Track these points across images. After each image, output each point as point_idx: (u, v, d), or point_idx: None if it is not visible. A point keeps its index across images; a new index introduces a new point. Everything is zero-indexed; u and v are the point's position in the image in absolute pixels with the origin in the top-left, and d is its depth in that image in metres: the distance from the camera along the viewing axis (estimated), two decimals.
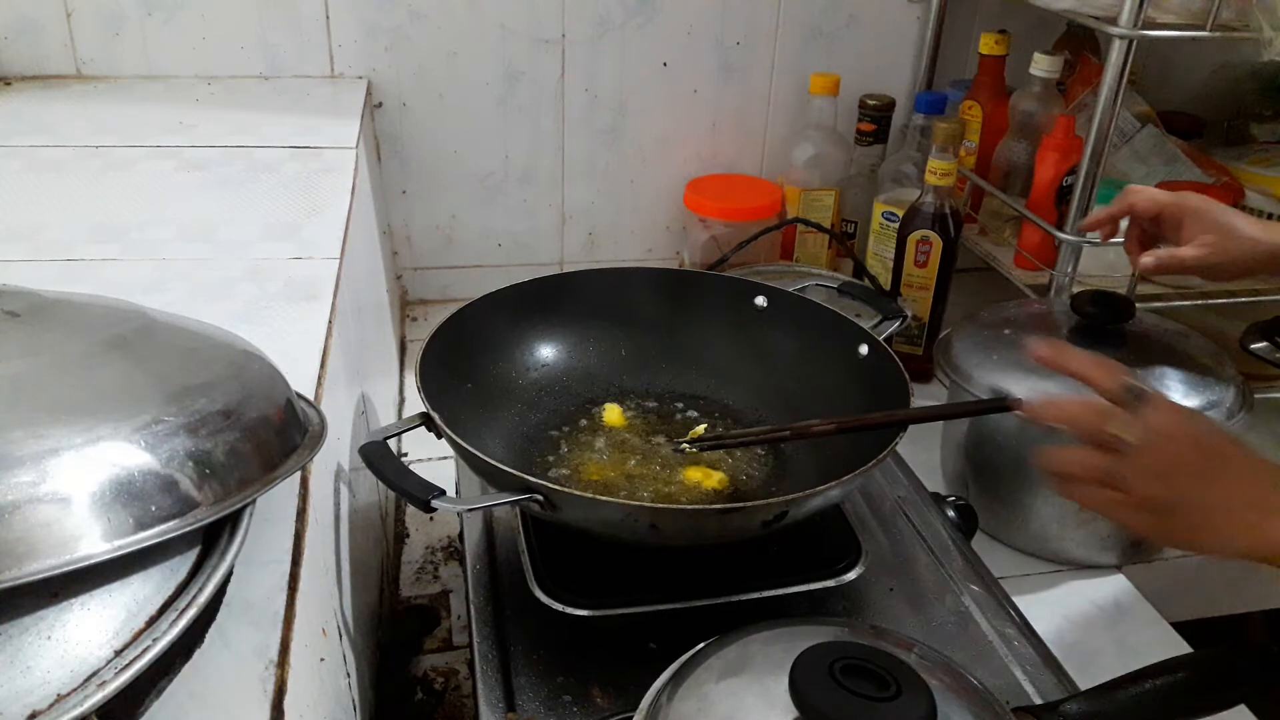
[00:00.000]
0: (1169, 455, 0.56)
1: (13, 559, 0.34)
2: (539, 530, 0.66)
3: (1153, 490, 0.56)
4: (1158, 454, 0.56)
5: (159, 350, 0.47)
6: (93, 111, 1.03)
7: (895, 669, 0.43)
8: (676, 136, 1.29)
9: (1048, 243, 1.04)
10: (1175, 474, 0.56)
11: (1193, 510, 0.56)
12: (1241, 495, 0.55)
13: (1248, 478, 0.56)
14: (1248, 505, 0.55)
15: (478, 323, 0.77)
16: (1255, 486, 0.55)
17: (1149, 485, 0.56)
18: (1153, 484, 0.56)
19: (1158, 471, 0.56)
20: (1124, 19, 0.88)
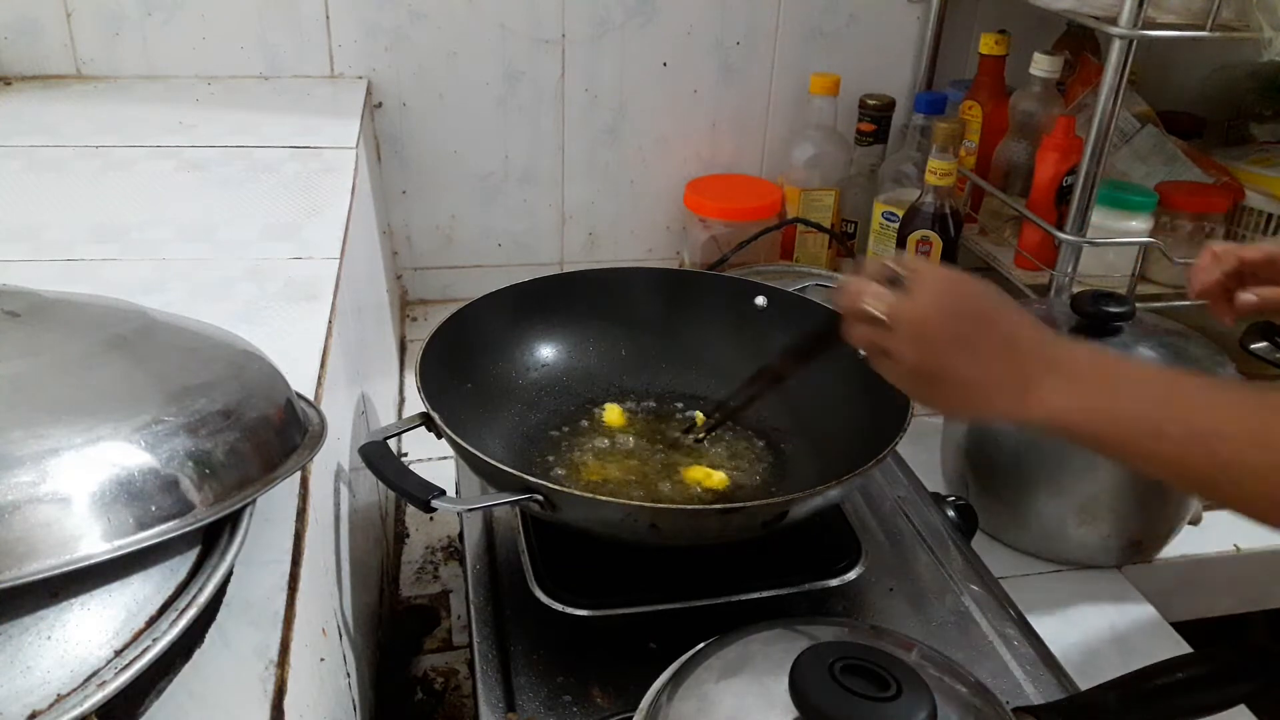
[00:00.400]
0: (924, 327, 0.57)
1: (13, 559, 0.34)
2: (539, 530, 0.66)
3: (912, 360, 0.57)
4: (912, 327, 0.57)
5: (159, 350, 0.47)
6: (93, 111, 1.03)
7: (895, 669, 0.43)
8: (676, 136, 1.29)
9: (1048, 243, 1.04)
10: (931, 345, 0.57)
11: (955, 381, 0.56)
12: (1003, 366, 0.55)
13: (1011, 348, 0.55)
14: (1009, 376, 0.55)
15: (478, 323, 0.77)
16: (1017, 357, 0.55)
17: (909, 355, 0.57)
18: (911, 354, 0.57)
19: (914, 343, 0.57)
20: (1124, 19, 0.88)
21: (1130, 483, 0.84)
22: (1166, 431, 0.50)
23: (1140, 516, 0.87)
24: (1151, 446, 0.51)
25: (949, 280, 0.58)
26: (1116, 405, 0.53)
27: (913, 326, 0.57)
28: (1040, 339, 0.56)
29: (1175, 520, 0.89)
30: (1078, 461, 0.83)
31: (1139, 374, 0.54)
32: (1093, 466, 0.83)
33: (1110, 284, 1.03)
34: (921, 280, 0.58)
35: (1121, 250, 1.05)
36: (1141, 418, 0.51)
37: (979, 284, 0.58)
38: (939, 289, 0.58)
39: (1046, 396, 0.54)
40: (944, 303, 0.57)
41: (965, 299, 0.57)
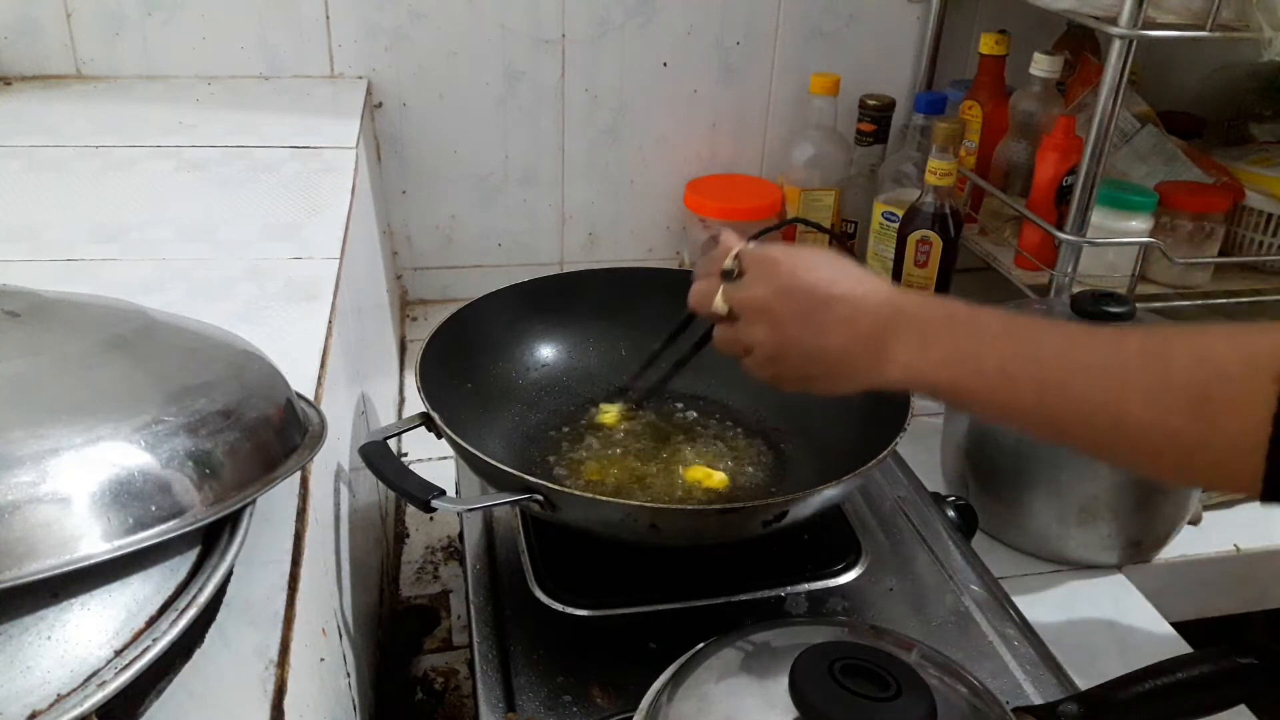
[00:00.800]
0: (764, 312, 0.57)
1: (13, 559, 0.34)
2: (539, 530, 0.66)
3: (765, 347, 0.58)
4: (757, 315, 0.58)
5: (159, 350, 0.47)
6: (93, 111, 1.03)
7: (895, 669, 0.43)
8: (676, 136, 1.29)
9: (1048, 243, 1.04)
10: (776, 327, 0.57)
11: (811, 357, 0.56)
12: (853, 333, 0.55)
13: (857, 313, 0.55)
14: (862, 342, 0.54)
15: (478, 323, 0.77)
16: (866, 321, 0.55)
17: (760, 343, 0.58)
18: (761, 340, 0.58)
19: (761, 330, 0.58)
20: (1124, 19, 0.88)
21: (1130, 483, 0.84)
22: (1019, 379, 0.49)
23: (1140, 516, 0.87)
24: (1008, 396, 0.50)
25: (781, 259, 0.58)
26: (970, 357, 0.52)
27: (754, 314, 0.58)
28: (888, 299, 0.55)
29: (1175, 520, 0.89)
30: (1078, 461, 0.83)
31: (991, 325, 0.52)
32: (1093, 467, 0.83)
33: (1110, 284, 1.03)
34: (754, 266, 0.59)
35: (1121, 250, 1.05)
36: (996, 368, 0.50)
37: (814, 256, 0.58)
38: (771, 270, 0.58)
39: (901, 355, 0.53)
40: (779, 283, 0.57)
41: (799, 274, 0.57)
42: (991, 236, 1.19)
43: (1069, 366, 0.48)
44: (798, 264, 0.57)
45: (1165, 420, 0.44)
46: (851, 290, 0.56)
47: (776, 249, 0.60)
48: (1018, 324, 0.51)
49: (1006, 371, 0.50)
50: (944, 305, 0.54)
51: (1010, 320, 0.52)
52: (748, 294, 0.59)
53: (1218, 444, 0.43)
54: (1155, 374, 0.45)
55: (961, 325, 0.53)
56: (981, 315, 0.53)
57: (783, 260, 0.58)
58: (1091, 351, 0.48)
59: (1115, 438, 0.47)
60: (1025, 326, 0.51)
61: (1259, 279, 1.13)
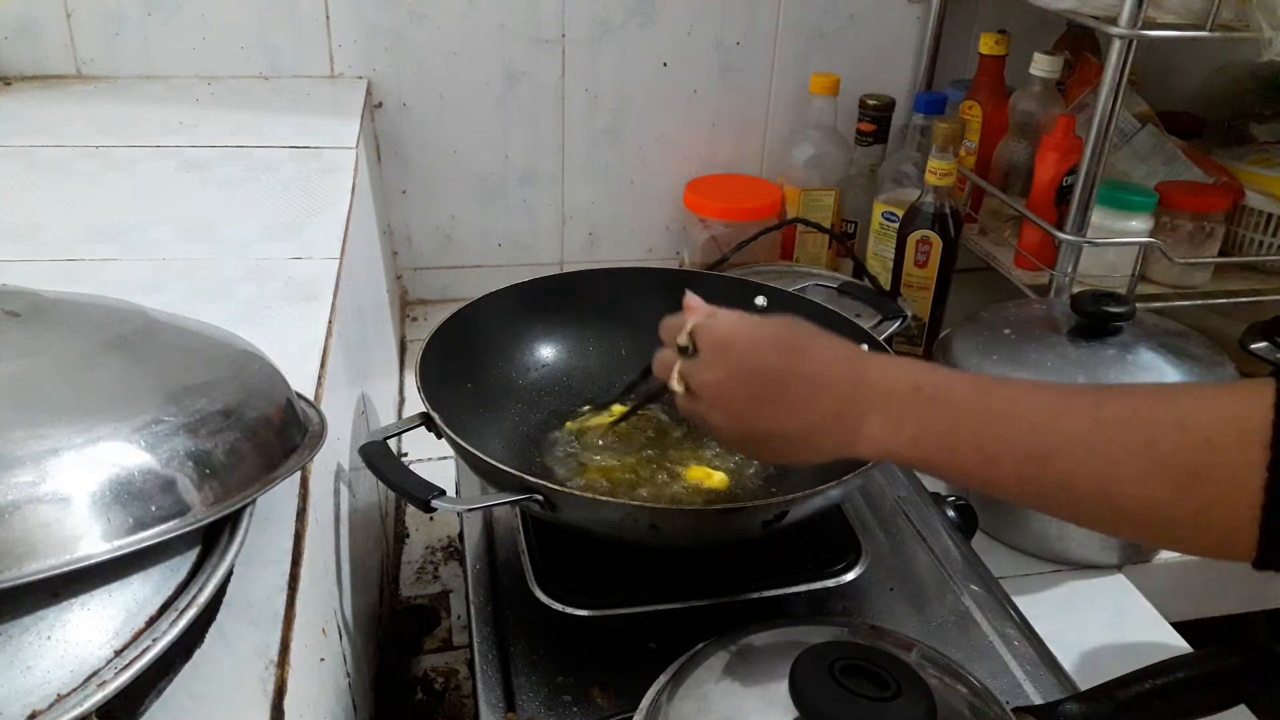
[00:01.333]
0: (720, 394, 0.55)
1: (13, 559, 0.34)
2: (539, 530, 0.66)
3: (724, 426, 0.56)
4: (714, 399, 0.56)
5: (159, 350, 0.47)
6: (93, 111, 1.03)
7: (895, 669, 0.43)
8: (676, 136, 1.29)
9: (1048, 243, 1.04)
10: (733, 409, 0.55)
11: (774, 436, 0.54)
12: (820, 413, 0.52)
13: (818, 391, 0.52)
14: (827, 420, 0.52)
15: (478, 323, 0.77)
16: (829, 399, 0.52)
17: (723, 425, 0.56)
18: (721, 421, 0.56)
19: (719, 411, 0.56)
20: (1124, 19, 0.88)
21: None
22: (999, 456, 0.47)
23: None
24: (989, 472, 0.48)
25: (733, 339, 0.56)
26: (943, 434, 0.49)
27: (710, 395, 0.56)
28: (851, 373, 0.52)
29: None
30: None
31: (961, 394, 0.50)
32: None
33: (1110, 284, 1.03)
34: (706, 343, 0.56)
35: (1121, 250, 1.05)
36: (971, 445, 0.48)
37: (768, 330, 0.56)
38: (724, 353, 0.55)
39: (871, 433, 0.51)
40: (732, 365, 0.55)
41: (752, 353, 0.55)
42: (991, 236, 1.19)
43: (1049, 441, 0.46)
44: (752, 341, 0.55)
45: (1154, 495, 0.43)
46: (807, 367, 0.53)
47: (729, 324, 0.57)
48: (989, 392, 0.49)
49: (983, 449, 0.48)
50: (909, 373, 0.52)
51: (980, 388, 0.50)
52: (702, 377, 0.56)
53: (1210, 516, 0.42)
54: (1139, 447, 0.43)
55: (929, 399, 0.50)
56: (949, 383, 0.50)
57: (735, 341, 0.55)
58: (1070, 423, 0.46)
59: (1102, 512, 0.46)
60: (998, 395, 0.49)
61: (1259, 279, 1.13)
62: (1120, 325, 0.84)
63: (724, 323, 0.57)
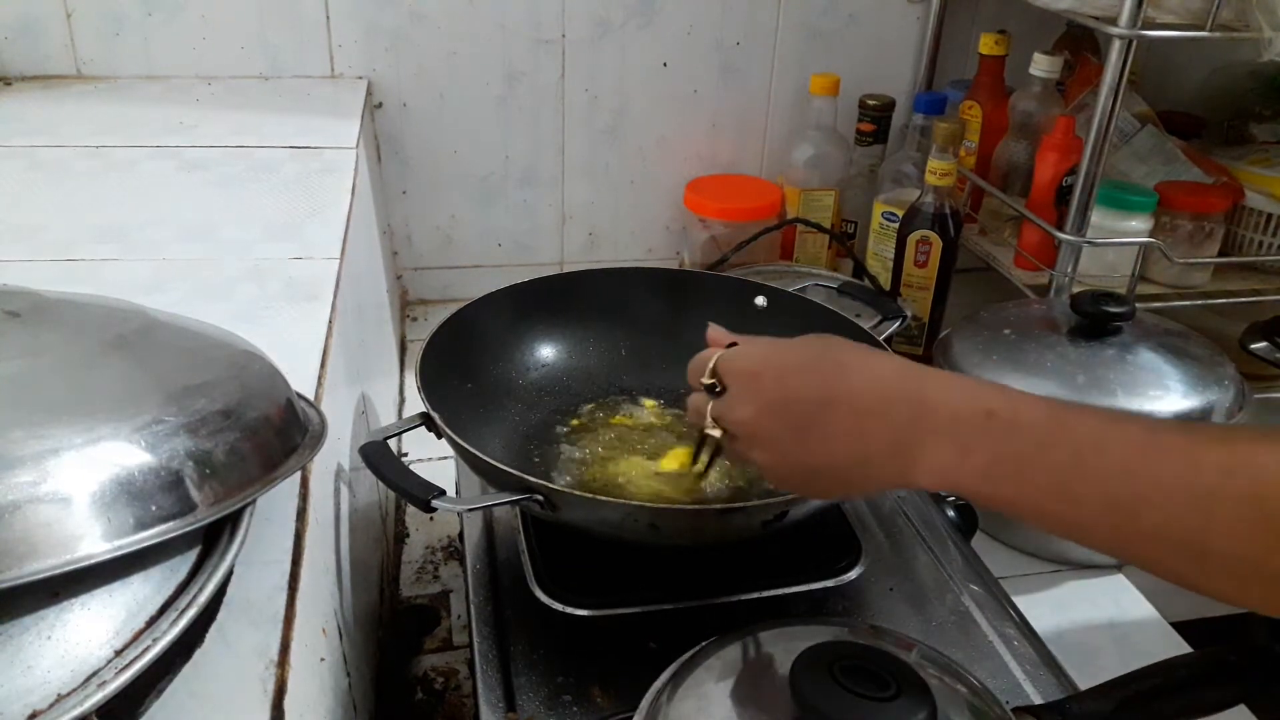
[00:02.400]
0: (755, 430, 0.51)
1: (13, 559, 0.34)
2: (539, 530, 0.66)
3: (769, 464, 0.52)
4: (751, 437, 0.52)
5: (159, 350, 0.47)
6: (93, 111, 1.03)
7: (895, 669, 0.43)
8: (676, 136, 1.29)
9: (1048, 243, 1.04)
10: (774, 445, 0.51)
11: (823, 469, 0.50)
12: (873, 441, 0.48)
13: (872, 419, 0.48)
14: (882, 454, 0.48)
15: (478, 323, 0.77)
16: (885, 426, 0.47)
17: (769, 464, 0.52)
18: (764, 459, 0.52)
19: (758, 449, 0.52)
20: (1124, 19, 0.88)
21: None
22: (1083, 498, 0.43)
23: None
24: (1068, 514, 0.43)
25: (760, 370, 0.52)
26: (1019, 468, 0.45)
27: (747, 434, 0.52)
28: (907, 394, 0.47)
29: None
30: None
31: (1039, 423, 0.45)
32: None
33: (1110, 284, 1.03)
34: (733, 381, 0.52)
35: (1121, 250, 1.05)
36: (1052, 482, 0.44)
37: (797, 351, 0.51)
38: (752, 386, 0.52)
39: (932, 462, 0.46)
40: (764, 397, 0.51)
41: (783, 382, 0.50)
42: (991, 236, 1.19)
43: (1140, 487, 0.41)
44: (781, 370, 0.51)
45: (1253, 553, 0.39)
46: (850, 389, 0.48)
47: (755, 356, 0.52)
48: (1070, 424, 0.44)
49: (1067, 489, 0.43)
50: (977, 395, 0.46)
51: (1060, 419, 0.44)
52: (734, 416, 0.52)
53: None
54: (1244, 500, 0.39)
55: (1003, 427, 0.45)
56: (1025, 411, 0.45)
57: (763, 371, 0.51)
58: (1165, 467, 0.41)
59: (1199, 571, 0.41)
60: (1080, 426, 0.44)
61: (1259, 279, 1.13)
62: (1120, 325, 0.84)
63: (749, 353, 0.53)
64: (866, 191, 1.25)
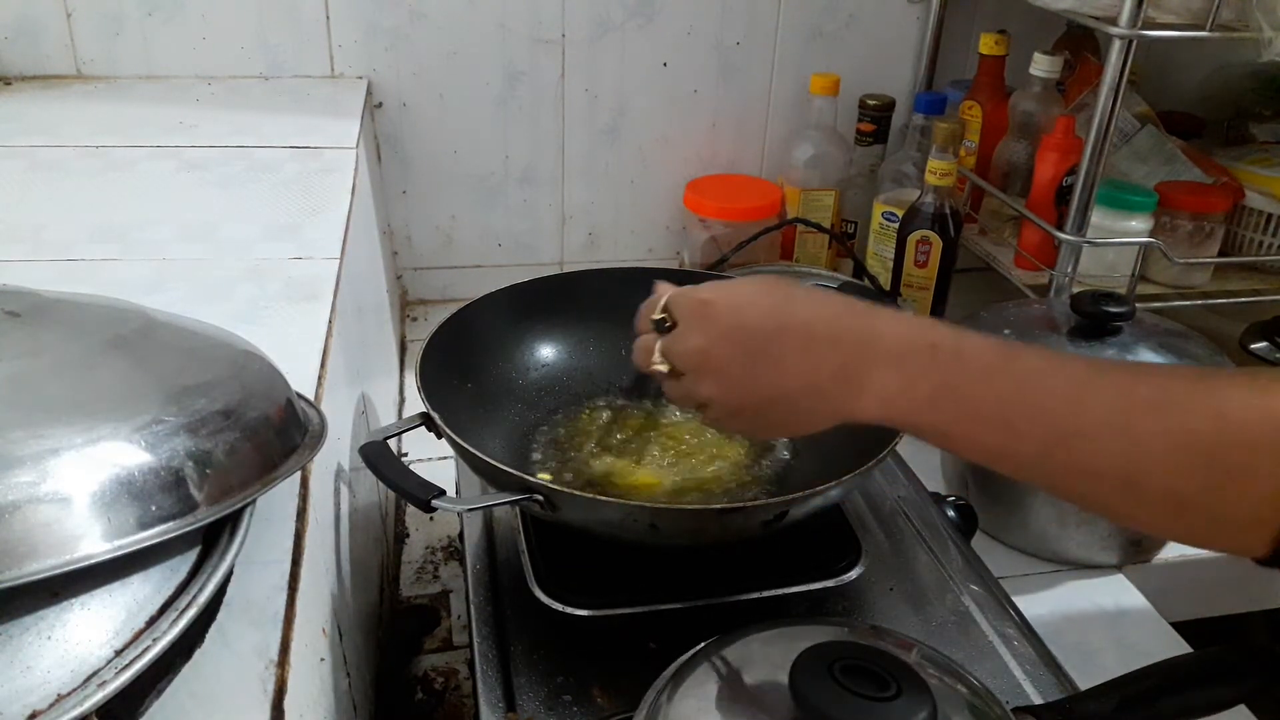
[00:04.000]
0: (707, 360, 0.51)
1: (13, 559, 0.34)
2: (539, 530, 0.66)
3: (720, 397, 0.52)
4: (701, 367, 0.52)
5: (159, 350, 0.47)
6: (93, 111, 1.03)
7: (895, 669, 0.43)
8: (676, 136, 1.29)
9: (1048, 243, 1.04)
10: (725, 374, 0.51)
11: (775, 400, 0.50)
12: (823, 369, 0.48)
13: (822, 347, 0.48)
14: (830, 380, 0.48)
15: (478, 323, 0.77)
16: (835, 355, 0.48)
17: (713, 394, 0.52)
18: (714, 392, 0.52)
19: (709, 380, 0.52)
20: (1124, 19, 0.88)
21: None
22: (1021, 429, 0.43)
23: None
24: (1007, 444, 0.44)
25: (712, 298, 0.52)
26: (962, 399, 0.45)
27: (696, 364, 0.52)
28: (857, 325, 0.48)
29: None
30: None
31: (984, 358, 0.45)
32: None
33: (1110, 284, 1.03)
34: (685, 313, 0.53)
35: (1121, 250, 1.05)
36: (994, 414, 0.44)
37: (750, 286, 0.52)
38: (704, 315, 0.52)
39: (877, 389, 0.47)
40: (715, 326, 0.51)
41: (737, 312, 0.51)
42: (991, 236, 1.19)
43: (1076, 419, 0.43)
44: (733, 300, 0.51)
45: (1181, 486, 0.41)
46: (803, 317, 0.49)
47: (706, 288, 0.53)
48: (1013, 358, 0.45)
49: (1006, 419, 0.44)
50: (925, 329, 0.48)
51: (1004, 353, 0.46)
52: (684, 346, 0.53)
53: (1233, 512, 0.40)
54: (1170, 436, 0.41)
55: (948, 357, 0.46)
56: (969, 344, 0.46)
57: (715, 299, 0.52)
58: (1100, 401, 0.42)
59: (1123, 500, 0.43)
60: (1022, 362, 0.45)
61: (1259, 279, 1.13)
62: (1120, 325, 0.84)
63: (700, 287, 0.53)
64: (866, 191, 1.25)
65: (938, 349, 0.46)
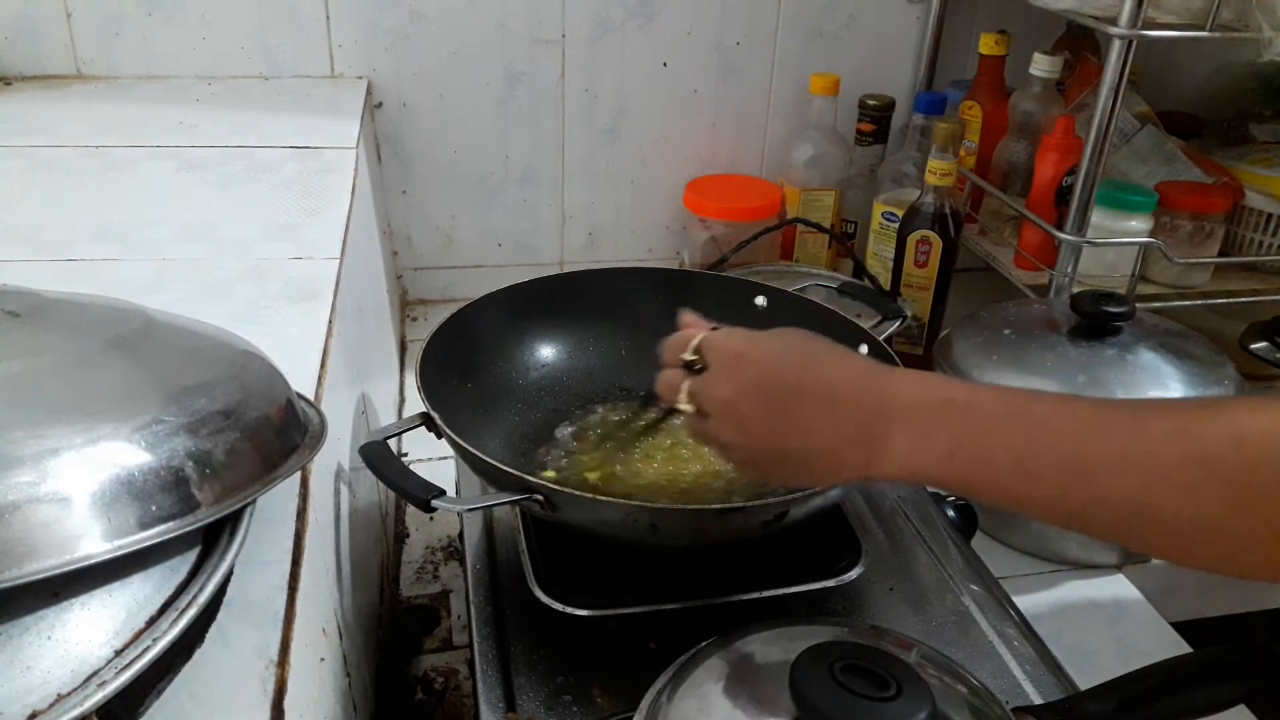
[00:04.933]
0: (732, 410, 0.53)
1: (13, 559, 0.34)
2: (539, 530, 0.66)
3: (738, 445, 0.53)
4: (725, 416, 0.53)
5: (159, 350, 0.47)
6: (93, 111, 1.03)
7: (895, 669, 0.43)
8: (676, 136, 1.29)
9: (1048, 243, 1.04)
10: (747, 426, 0.52)
11: (792, 455, 0.51)
12: (838, 427, 0.50)
13: (839, 405, 0.50)
14: (849, 437, 0.49)
15: (478, 323, 0.77)
16: (854, 417, 0.49)
17: (737, 443, 0.53)
18: (734, 439, 0.53)
19: (731, 429, 0.53)
20: (1124, 19, 0.88)
21: None
22: (1038, 472, 0.44)
23: None
24: (1026, 489, 0.45)
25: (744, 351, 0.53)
26: (977, 450, 0.46)
27: (721, 412, 0.53)
28: (873, 386, 0.50)
29: None
30: None
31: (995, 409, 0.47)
32: None
33: (1110, 284, 1.03)
34: (715, 359, 0.54)
35: (1121, 250, 1.05)
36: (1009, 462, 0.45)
37: (781, 342, 0.54)
38: (734, 366, 0.53)
39: (897, 450, 0.48)
40: (744, 378, 0.53)
41: (766, 367, 0.52)
42: (991, 236, 1.19)
43: (1091, 456, 0.43)
44: (764, 355, 0.53)
45: (1202, 514, 0.41)
46: (826, 379, 0.51)
47: (739, 338, 0.55)
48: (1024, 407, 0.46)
49: (1022, 465, 0.45)
50: (937, 387, 0.49)
51: (1015, 402, 0.47)
52: (711, 392, 0.54)
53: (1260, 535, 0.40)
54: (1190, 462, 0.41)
55: (961, 412, 0.47)
56: (981, 397, 0.48)
57: (746, 352, 0.53)
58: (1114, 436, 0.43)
59: (1146, 531, 0.43)
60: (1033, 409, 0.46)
61: (1259, 279, 1.13)
62: (1120, 325, 0.84)
63: (734, 336, 0.55)
64: (866, 191, 1.25)
65: (952, 403, 0.48)
